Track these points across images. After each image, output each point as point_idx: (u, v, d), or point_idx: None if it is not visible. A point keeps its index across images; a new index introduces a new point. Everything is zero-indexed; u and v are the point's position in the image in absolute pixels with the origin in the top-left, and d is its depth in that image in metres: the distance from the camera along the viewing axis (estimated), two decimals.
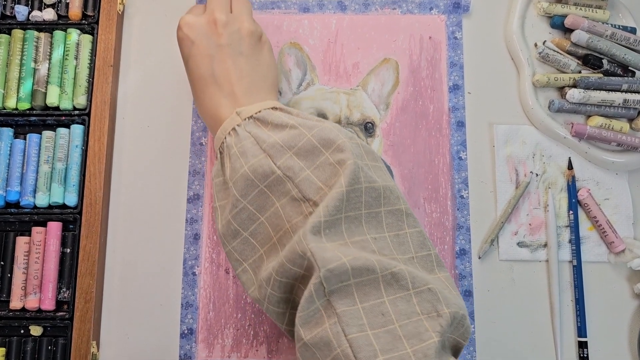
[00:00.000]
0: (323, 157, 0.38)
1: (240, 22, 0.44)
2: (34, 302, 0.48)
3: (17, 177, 0.50)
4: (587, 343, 0.48)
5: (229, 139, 0.41)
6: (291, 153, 0.38)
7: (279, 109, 0.42)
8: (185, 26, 0.44)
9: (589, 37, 0.51)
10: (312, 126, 0.39)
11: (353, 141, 0.39)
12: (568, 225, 0.50)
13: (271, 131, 0.40)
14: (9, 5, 0.53)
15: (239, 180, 0.39)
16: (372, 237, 0.36)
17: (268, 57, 0.46)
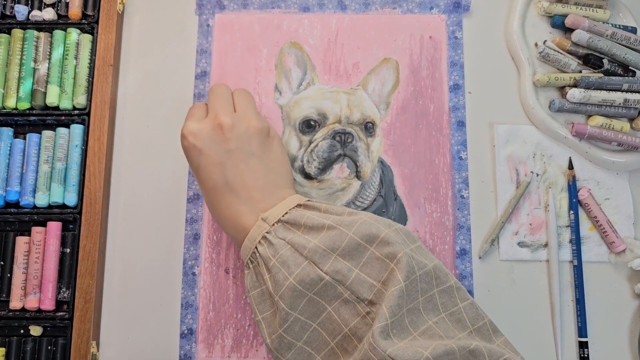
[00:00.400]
0: (369, 253, 0.37)
1: (247, 121, 0.43)
2: (34, 302, 0.48)
3: (16, 177, 0.49)
4: (587, 343, 0.48)
5: (261, 249, 0.39)
6: (335, 255, 0.37)
7: (304, 206, 0.41)
8: (190, 135, 0.42)
9: (590, 36, 0.51)
10: (351, 223, 0.38)
11: (393, 228, 0.38)
12: (568, 225, 0.50)
13: (307, 234, 0.39)
14: (8, 5, 0.53)
15: (285, 293, 0.37)
16: (433, 322, 0.36)
17: (279, 150, 0.44)
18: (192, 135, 0.42)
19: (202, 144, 0.42)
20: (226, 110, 0.43)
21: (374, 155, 0.51)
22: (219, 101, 0.44)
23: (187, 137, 0.42)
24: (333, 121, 0.51)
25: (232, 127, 0.42)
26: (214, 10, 0.54)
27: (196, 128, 0.42)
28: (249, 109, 0.44)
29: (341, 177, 0.50)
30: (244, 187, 0.41)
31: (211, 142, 0.42)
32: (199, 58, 0.53)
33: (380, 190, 0.51)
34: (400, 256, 0.36)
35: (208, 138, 0.42)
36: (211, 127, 0.42)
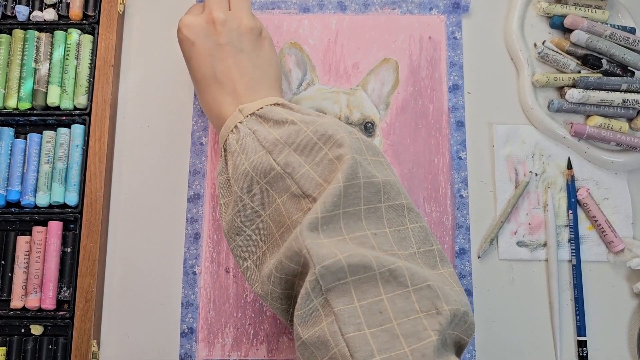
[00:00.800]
0: (322, 153, 0.38)
1: (239, 19, 0.44)
2: (35, 301, 0.48)
3: (17, 177, 0.50)
4: (586, 342, 0.48)
5: (231, 136, 0.41)
6: (290, 149, 0.38)
7: (281, 105, 0.42)
8: (185, 27, 0.44)
9: (589, 37, 0.51)
10: (311, 121, 0.39)
11: (352, 136, 0.39)
12: (567, 224, 0.50)
13: (271, 127, 0.40)
14: (9, 5, 0.53)
15: (240, 177, 0.39)
16: (372, 233, 0.36)
17: (269, 52, 0.46)
18: (186, 28, 0.44)
19: (195, 37, 0.44)
20: (220, 7, 0.44)
21: None
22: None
23: (182, 29, 0.44)
24: None
25: (224, 22, 0.43)
26: None
27: (191, 21, 0.44)
28: (243, 8, 0.45)
29: None
30: (230, 80, 0.43)
31: (203, 35, 0.44)
32: None
33: None
34: (346, 158, 0.36)
35: (201, 31, 0.44)
36: (205, 21, 0.44)
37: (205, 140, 0.52)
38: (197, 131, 0.52)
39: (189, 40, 0.44)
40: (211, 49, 0.44)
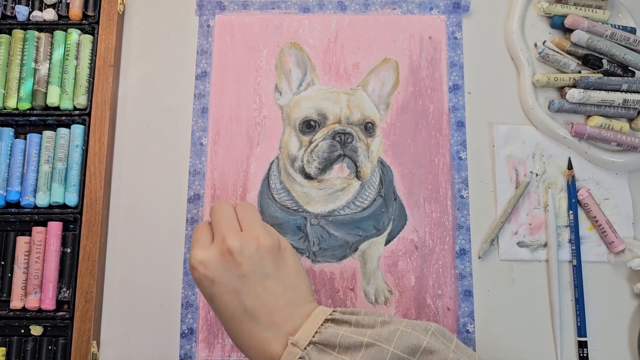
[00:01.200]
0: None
1: (257, 240, 0.40)
2: (35, 301, 0.48)
3: (17, 177, 0.50)
4: (587, 342, 0.48)
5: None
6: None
7: (332, 320, 0.38)
8: (200, 266, 0.40)
9: (589, 37, 0.51)
10: (389, 336, 0.36)
11: (430, 332, 0.37)
12: (568, 225, 0.50)
13: (344, 354, 0.36)
14: (9, 6, 0.53)
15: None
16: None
17: (293, 263, 0.42)
18: (202, 266, 0.39)
19: (214, 274, 0.39)
20: (232, 232, 0.40)
21: (374, 155, 0.51)
22: (224, 222, 0.41)
23: (197, 268, 0.40)
24: (333, 121, 0.51)
25: (241, 250, 0.39)
26: (214, 11, 0.54)
27: (205, 257, 0.40)
28: (255, 225, 0.41)
29: (341, 177, 0.50)
30: (265, 312, 0.39)
31: (223, 270, 0.39)
32: (199, 58, 0.53)
33: (380, 190, 0.51)
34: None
35: (219, 266, 0.39)
36: (220, 254, 0.39)
37: (205, 141, 0.52)
38: (197, 131, 0.52)
39: (208, 278, 0.39)
40: (234, 283, 0.39)
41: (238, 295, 0.39)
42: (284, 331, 0.38)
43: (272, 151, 0.52)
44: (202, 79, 0.53)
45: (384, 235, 0.50)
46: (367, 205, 0.50)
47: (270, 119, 0.52)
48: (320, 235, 0.50)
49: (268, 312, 0.39)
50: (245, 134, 0.52)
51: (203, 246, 0.40)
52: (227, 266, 0.39)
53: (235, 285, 0.39)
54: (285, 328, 0.38)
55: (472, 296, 0.49)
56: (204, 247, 0.40)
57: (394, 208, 0.50)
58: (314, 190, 0.50)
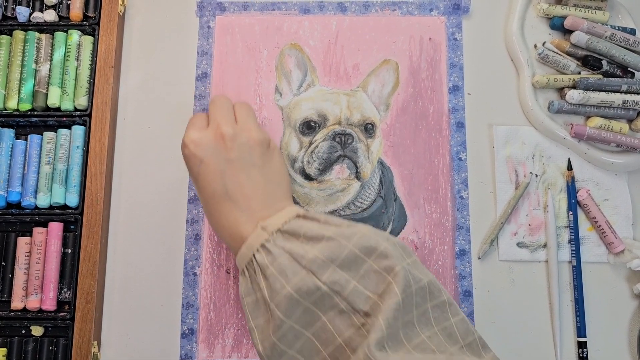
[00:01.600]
0: (366, 265, 0.37)
1: (249, 132, 0.43)
2: (35, 302, 0.48)
3: (18, 178, 0.50)
4: (586, 343, 0.48)
5: (259, 256, 0.39)
6: (334, 266, 0.37)
7: (303, 217, 0.40)
8: (192, 144, 0.42)
9: (589, 38, 0.51)
10: (350, 235, 0.38)
11: (391, 242, 0.38)
12: (567, 225, 0.50)
13: (306, 244, 0.38)
14: (10, 7, 0.53)
15: (282, 301, 0.37)
16: (426, 336, 0.36)
17: (279, 163, 0.44)
18: (193, 144, 0.42)
19: (203, 153, 0.42)
20: (228, 120, 0.43)
21: (374, 156, 0.51)
22: (221, 111, 0.44)
23: (189, 145, 0.42)
24: (333, 122, 0.51)
25: (233, 137, 0.42)
26: (214, 12, 0.54)
27: (198, 137, 0.42)
28: (250, 121, 0.44)
29: (341, 178, 0.50)
30: (243, 197, 0.41)
31: (212, 151, 0.42)
32: (200, 59, 0.53)
33: (380, 191, 0.51)
34: (398, 269, 0.36)
35: (209, 147, 0.42)
36: (213, 137, 0.42)
37: None
38: None
39: (197, 157, 0.42)
40: (221, 165, 0.42)
41: (222, 176, 0.42)
42: (257, 216, 0.41)
43: None
44: (202, 80, 0.53)
45: None
46: (367, 206, 0.50)
47: (270, 120, 0.52)
48: None
49: (246, 197, 0.41)
50: None
51: (198, 128, 0.43)
52: (217, 148, 0.42)
53: (221, 167, 0.42)
54: (259, 214, 0.41)
55: (472, 296, 0.49)
56: (199, 129, 0.43)
57: (394, 209, 0.51)
58: (314, 191, 0.50)
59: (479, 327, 0.48)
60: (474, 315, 0.49)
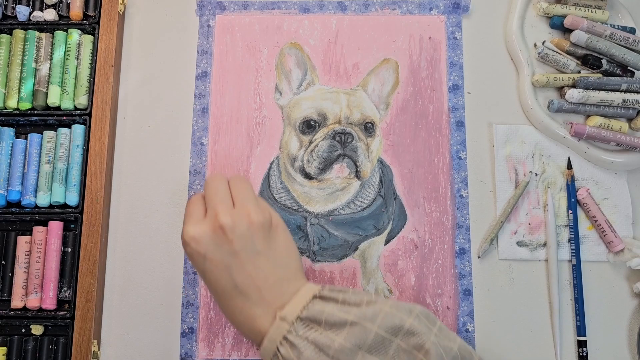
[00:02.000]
0: (395, 345, 0.37)
1: (247, 217, 0.41)
2: (35, 301, 0.48)
3: (18, 177, 0.50)
4: (586, 342, 0.48)
5: (283, 350, 0.37)
6: (363, 352, 0.36)
7: (320, 297, 0.39)
8: (192, 242, 0.40)
9: (588, 37, 0.51)
10: (373, 316, 0.37)
11: (414, 314, 0.38)
12: (567, 224, 0.50)
13: (329, 331, 0.37)
14: (10, 6, 0.53)
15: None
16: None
17: (284, 240, 0.42)
18: (193, 242, 0.40)
19: (205, 249, 0.40)
20: (225, 207, 0.41)
21: (374, 155, 0.51)
22: (216, 197, 0.42)
23: (189, 243, 0.40)
24: (333, 121, 0.51)
25: (233, 227, 0.40)
26: (214, 11, 0.54)
27: (197, 233, 0.40)
28: (247, 201, 0.42)
29: (341, 176, 0.50)
30: (255, 289, 0.40)
31: (214, 246, 0.40)
32: (200, 58, 0.53)
33: (380, 190, 0.51)
34: (428, 346, 0.36)
35: (210, 242, 0.40)
36: (212, 230, 0.40)
37: (205, 141, 0.52)
38: (197, 131, 0.52)
39: (200, 254, 0.40)
40: (226, 259, 0.40)
41: (229, 271, 0.40)
42: (272, 307, 0.39)
43: (273, 151, 0.52)
44: (202, 79, 0.53)
45: (383, 234, 0.50)
46: (367, 204, 0.50)
47: (270, 119, 0.52)
48: (320, 234, 0.50)
49: (257, 289, 0.40)
50: (246, 134, 0.52)
51: (195, 221, 0.41)
52: (218, 243, 0.40)
53: (226, 262, 0.40)
54: (274, 304, 0.39)
55: (472, 295, 0.49)
56: (197, 222, 0.41)
57: (393, 208, 0.51)
58: (314, 189, 0.50)
59: (478, 326, 0.49)
60: (473, 314, 0.49)
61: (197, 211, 0.42)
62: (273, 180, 0.51)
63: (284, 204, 0.50)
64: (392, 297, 0.49)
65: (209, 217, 0.41)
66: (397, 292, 0.49)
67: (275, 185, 0.51)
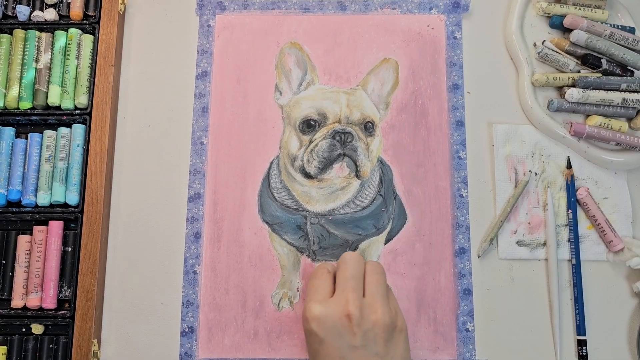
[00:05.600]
0: None
1: (375, 314, 0.40)
2: (36, 300, 0.48)
3: (18, 176, 0.50)
4: (586, 341, 0.48)
5: None
6: None
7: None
8: (315, 321, 0.40)
9: (588, 36, 0.51)
10: None
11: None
12: (567, 224, 0.51)
13: None
14: (10, 5, 0.53)
15: None
16: None
17: (403, 349, 0.41)
18: (316, 322, 0.40)
19: (325, 334, 0.39)
20: (356, 296, 0.40)
21: (374, 154, 0.51)
22: (352, 282, 0.41)
23: (311, 322, 0.40)
24: (333, 121, 0.51)
25: (360, 320, 0.39)
26: (214, 11, 0.54)
27: (322, 314, 0.40)
28: (378, 295, 0.41)
29: (341, 176, 0.50)
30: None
31: (335, 333, 0.39)
32: (200, 58, 0.53)
33: (380, 190, 0.51)
34: None
35: (333, 328, 0.39)
36: (338, 317, 0.39)
37: (205, 140, 0.52)
38: (197, 131, 0.52)
39: (318, 336, 0.40)
40: (342, 351, 0.39)
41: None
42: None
43: (273, 150, 0.52)
44: (202, 78, 0.53)
45: (383, 234, 0.50)
46: (367, 204, 0.50)
47: (270, 118, 0.52)
48: (320, 234, 0.50)
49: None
50: (246, 134, 0.52)
51: (322, 300, 0.41)
52: (341, 332, 0.39)
53: (342, 354, 0.39)
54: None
55: (472, 295, 0.49)
56: (323, 301, 0.40)
57: (393, 207, 0.51)
58: (314, 189, 0.50)
59: (478, 326, 0.49)
60: (473, 314, 0.49)
61: (324, 287, 0.42)
62: (273, 180, 0.51)
63: (283, 204, 0.51)
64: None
65: (338, 300, 0.40)
66: (396, 291, 0.49)
67: (275, 184, 0.51)
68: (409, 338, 0.43)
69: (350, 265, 0.42)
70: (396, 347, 0.41)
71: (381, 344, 0.40)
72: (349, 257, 0.43)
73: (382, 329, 0.40)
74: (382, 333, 0.40)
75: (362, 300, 0.41)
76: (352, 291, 0.41)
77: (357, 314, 0.39)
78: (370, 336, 0.40)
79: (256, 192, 0.51)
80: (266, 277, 0.50)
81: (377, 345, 0.40)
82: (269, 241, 0.50)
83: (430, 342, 0.48)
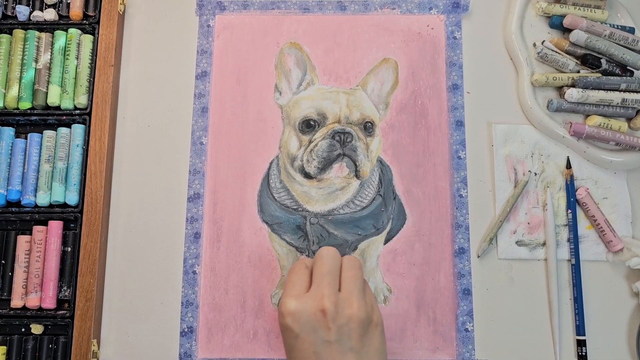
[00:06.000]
0: None
1: (351, 309, 0.40)
2: (35, 300, 0.48)
3: (18, 176, 0.50)
4: (585, 341, 0.48)
5: None
6: None
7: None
8: (289, 316, 0.40)
9: (588, 36, 0.51)
10: None
11: None
12: (566, 224, 0.51)
13: None
14: (10, 5, 0.53)
15: None
16: None
17: (378, 343, 0.41)
18: (291, 317, 0.40)
19: (300, 328, 0.40)
20: (332, 291, 0.40)
21: (373, 154, 0.51)
22: (328, 277, 0.41)
23: (286, 317, 0.40)
24: (332, 121, 0.51)
25: (335, 315, 0.39)
26: (214, 11, 0.54)
27: (297, 309, 0.40)
28: (355, 290, 0.41)
29: (340, 176, 0.50)
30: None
31: (310, 328, 0.39)
32: (200, 58, 0.53)
33: (380, 190, 0.51)
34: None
35: (307, 323, 0.40)
36: (313, 312, 0.40)
37: (205, 140, 0.52)
38: (197, 131, 0.52)
39: (293, 331, 0.40)
40: (317, 345, 0.39)
41: (316, 357, 0.39)
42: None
43: (272, 150, 0.52)
44: (202, 78, 0.53)
45: (383, 234, 0.50)
46: (367, 204, 0.50)
47: (270, 118, 0.52)
48: (320, 234, 0.50)
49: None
50: (245, 134, 0.52)
51: (297, 295, 0.41)
52: (315, 327, 0.39)
53: (317, 348, 0.39)
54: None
55: (471, 295, 0.49)
56: (298, 296, 0.40)
57: (393, 207, 0.51)
58: (314, 189, 0.50)
59: (478, 326, 0.49)
60: (473, 314, 0.49)
61: (301, 283, 0.42)
62: (272, 180, 0.51)
63: (283, 204, 0.51)
64: (391, 297, 0.49)
65: (313, 295, 0.40)
66: (396, 291, 0.49)
67: (275, 184, 0.51)
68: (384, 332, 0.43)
69: (326, 261, 0.42)
70: (371, 342, 0.41)
71: (356, 339, 0.40)
72: (325, 253, 0.43)
73: (357, 323, 0.40)
74: (357, 328, 0.40)
75: (338, 295, 0.41)
76: (327, 286, 0.41)
77: (332, 309, 0.40)
78: (345, 331, 0.40)
79: (256, 192, 0.51)
80: (266, 277, 0.50)
81: (351, 340, 0.40)
82: (268, 241, 0.50)
83: (430, 342, 0.48)
